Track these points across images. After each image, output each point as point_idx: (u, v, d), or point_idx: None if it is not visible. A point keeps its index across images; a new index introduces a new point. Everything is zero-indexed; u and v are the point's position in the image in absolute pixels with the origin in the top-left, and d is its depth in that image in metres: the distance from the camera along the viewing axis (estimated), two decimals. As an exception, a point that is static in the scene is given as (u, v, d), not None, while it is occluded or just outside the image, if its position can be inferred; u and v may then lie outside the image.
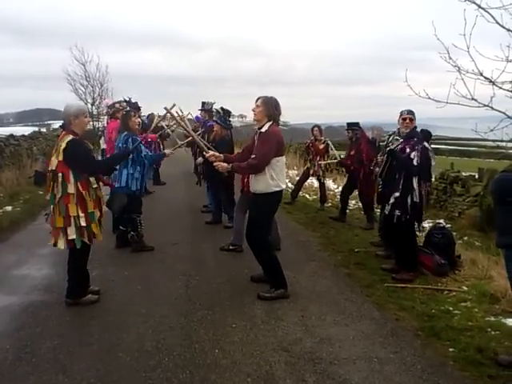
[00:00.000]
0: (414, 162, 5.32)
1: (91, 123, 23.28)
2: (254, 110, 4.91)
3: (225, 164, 4.94)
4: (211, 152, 5.18)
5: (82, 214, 4.43)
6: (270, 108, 4.83)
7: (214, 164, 4.99)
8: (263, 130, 4.81)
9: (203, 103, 9.17)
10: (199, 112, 9.69)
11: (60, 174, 4.37)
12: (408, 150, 5.39)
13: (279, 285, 4.93)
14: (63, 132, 4.53)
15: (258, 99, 4.90)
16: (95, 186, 4.57)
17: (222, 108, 8.07)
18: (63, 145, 4.36)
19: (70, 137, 4.41)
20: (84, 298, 4.69)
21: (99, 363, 3.57)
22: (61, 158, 4.36)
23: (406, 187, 5.38)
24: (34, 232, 7.71)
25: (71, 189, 4.38)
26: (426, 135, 5.74)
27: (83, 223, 4.44)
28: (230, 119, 8.27)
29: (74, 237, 4.44)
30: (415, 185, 5.34)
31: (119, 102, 8.02)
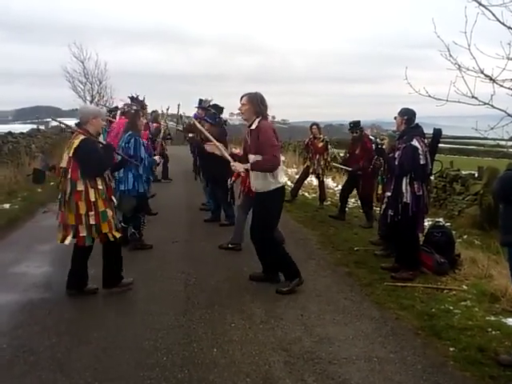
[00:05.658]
0: (396, 162, 5.34)
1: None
2: (240, 110, 4.88)
3: (241, 164, 4.91)
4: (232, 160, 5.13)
5: (91, 213, 4.52)
6: (255, 104, 4.79)
7: (231, 164, 4.98)
8: (253, 126, 4.80)
9: (200, 100, 9.11)
10: (196, 110, 9.64)
11: (69, 171, 4.48)
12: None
13: (293, 275, 4.97)
14: (77, 131, 4.65)
15: (242, 97, 4.85)
16: (100, 187, 4.62)
17: (212, 106, 8.04)
18: (76, 142, 4.47)
19: (83, 136, 4.53)
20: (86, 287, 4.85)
21: (97, 362, 3.54)
22: (72, 155, 4.46)
23: (396, 187, 5.37)
24: (32, 230, 7.68)
25: (80, 186, 4.48)
26: (435, 134, 5.63)
27: (92, 221, 4.53)
28: (222, 116, 8.23)
29: (85, 234, 4.55)
30: (404, 185, 5.29)
31: (134, 105, 7.99)
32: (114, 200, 4.89)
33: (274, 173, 4.76)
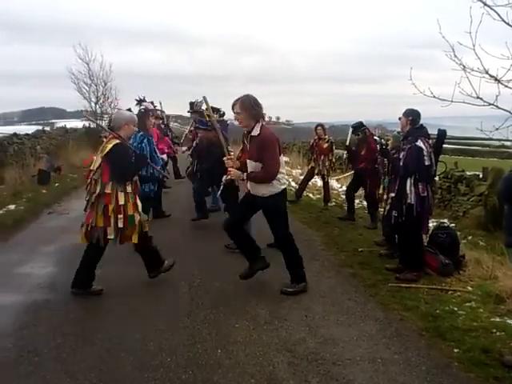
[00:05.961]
0: (400, 163, 5.33)
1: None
2: (237, 119, 4.77)
3: (239, 172, 4.85)
4: (231, 157, 5.07)
5: (120, 216, 4.59)
6: (250, 109, 4.65)
7: (229, 170, 4.90)
8: (254, 133, 4.67)
9: (191, 104, 8.44)
10: (189, 114, 9.01)
11: (99, 173, 4.57)
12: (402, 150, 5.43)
13: (301, 278, 4.99)
14: (111, 135, 4.75)
15: (233, 105, 4.71)
16: (129, 191, 4.70)
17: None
18: (109, 146, 4.57)
19: (117, 141, 4.62)
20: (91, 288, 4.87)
21: (102, 363, 3.56)
22: (104, 158, 4.56)
23: (400, 188, 5.36)
24: (37, 231, 7.71)
25: (109, 189, 4.55)
26: (440, 134, 5.60)
27: (120, 225, 4.60)
28: (224, 118, 7.96)
29: (113, 237, 4.64)
30: (408, 186, 5.28)
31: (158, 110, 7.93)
32: (139, 204, 4.91)
33: (278, 175, 4.74)
